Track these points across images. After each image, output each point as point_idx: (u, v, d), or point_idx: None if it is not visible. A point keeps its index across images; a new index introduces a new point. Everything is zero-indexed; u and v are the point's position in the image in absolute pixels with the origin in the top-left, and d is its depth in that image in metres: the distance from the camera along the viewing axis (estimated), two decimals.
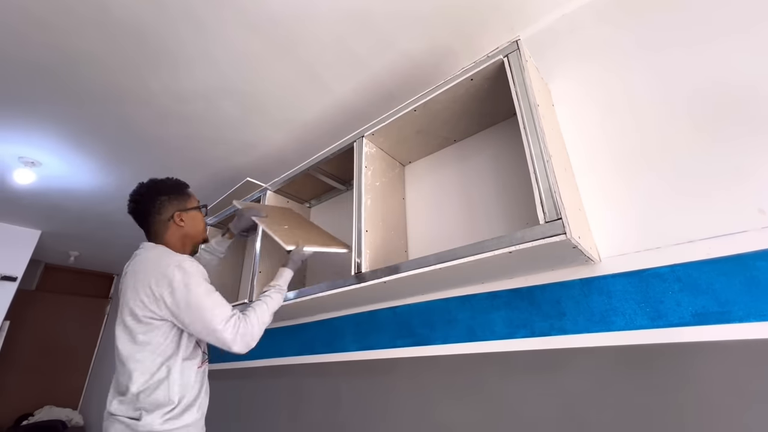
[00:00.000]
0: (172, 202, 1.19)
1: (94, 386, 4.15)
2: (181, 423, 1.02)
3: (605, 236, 1.07)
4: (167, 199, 1.18)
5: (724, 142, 0.96)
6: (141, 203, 1.17)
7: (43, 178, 2.57)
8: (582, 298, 1.06)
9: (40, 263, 4.30)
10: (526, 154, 1.00)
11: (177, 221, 1.17)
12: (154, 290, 1.03)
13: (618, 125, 1.16)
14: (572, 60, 1.34)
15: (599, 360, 0.99)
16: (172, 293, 1.02)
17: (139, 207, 1.18)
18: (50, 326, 4.24)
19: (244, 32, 1.49)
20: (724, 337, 0.84)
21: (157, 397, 1.00)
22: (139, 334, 1.03)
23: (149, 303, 1.03)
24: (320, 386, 1.68)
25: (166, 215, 1.17)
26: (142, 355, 1.03)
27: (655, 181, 1.04)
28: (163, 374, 1.03)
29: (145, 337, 1.03)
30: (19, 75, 1.69)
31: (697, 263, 0.91)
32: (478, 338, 1.24)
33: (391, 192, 1.62)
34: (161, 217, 1.17)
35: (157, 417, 0.99)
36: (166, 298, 1.02)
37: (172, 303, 1.02)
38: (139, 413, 1.00)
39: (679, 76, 1.09)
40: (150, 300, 1.03)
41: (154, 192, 1.18)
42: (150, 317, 1.03)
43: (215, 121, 2.01)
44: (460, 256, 1.04)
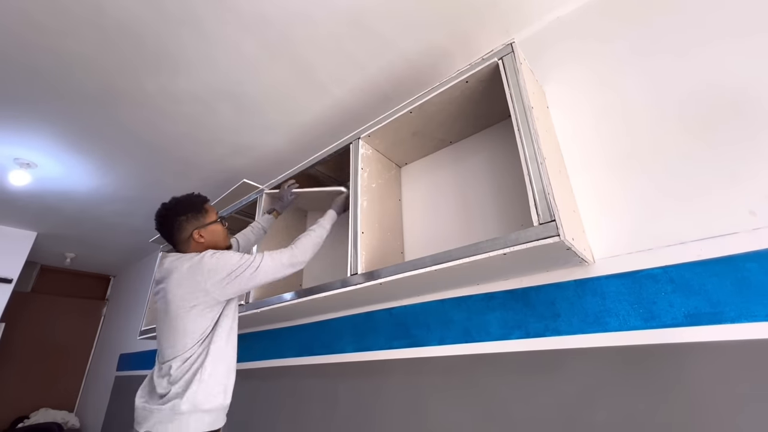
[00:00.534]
0: (190, 221, 1.24)
1: (91, 388, 4.12)
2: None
3: (599, 238, 1.08)
4: (185, 219, 1.24)
5: (716, 144, 0.97)
6: (163, 225, 1.25)
7: (39, 180, 2.57)
8: (576, 300, 1.07)
9: (36, 265, 4.28)
10: (520, 156, 1.01)
11: (197, 238, 1.23)
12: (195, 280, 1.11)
13: (612, 128, 1.17)
14: (567, 63, 1.35)
15: (593, 361, 0.99)
16: (210, 270, 1.11)
17: (163, 228, 1.25)
18: (46, 328, 4.22)
19: (241, 34, 1.49)
20: (716, 338, 0.85)
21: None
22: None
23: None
24: (318, 387, 1.68)
25: (186, 234, 1.23)
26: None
27: (648, 183, 1.05)
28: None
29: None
30: (16, 76, 1.69)
31: (689, 264, 0.92)
32: (474, 339, 1.24)
33: (388, 193, 1.63)
34: (182, 236, 1.23)
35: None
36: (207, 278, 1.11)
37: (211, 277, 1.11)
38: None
39: (672, 80, 1.10)
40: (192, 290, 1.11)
41: (172, 213, 1.24)
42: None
43: (212, 123, 2.01)
44: (456, 257, 1.04)
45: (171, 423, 1.00)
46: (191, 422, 1.01)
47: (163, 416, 1.01)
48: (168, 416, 1.01)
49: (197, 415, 1.03)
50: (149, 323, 2.53)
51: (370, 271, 1.28)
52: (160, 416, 1.01)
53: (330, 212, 1.48)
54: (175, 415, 1.01)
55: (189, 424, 1.01)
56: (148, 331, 2.46)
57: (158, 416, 1.01)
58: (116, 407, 3.39)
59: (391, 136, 1.55)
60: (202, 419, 1.03)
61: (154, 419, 1.01)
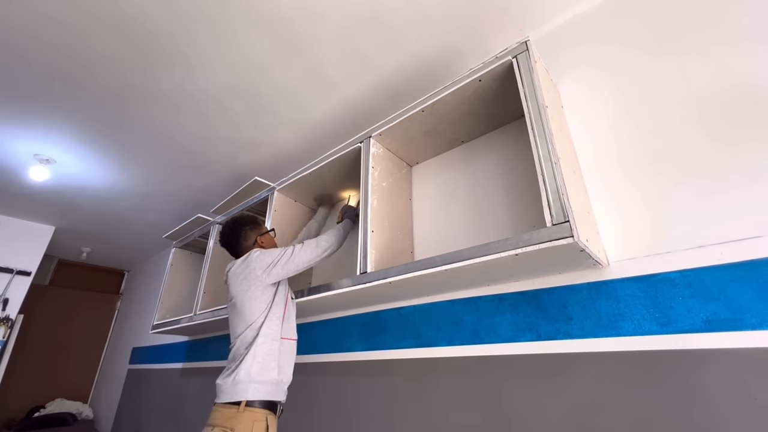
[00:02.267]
0: (254, 230, 1.55)
1: (104, 380, 4.22)
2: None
3: (614, 240, 1.06)
4: (249, 228, 1.54)
5: (738, 145, 0.94)
6: (231, 234, 1.53)
7: (58, 176, 2.63)
8: (589, 303, 1.04)
9: (54, 259, 4.39)
10: (533, 155, 0.99)
11: (259, 243, 1.53)
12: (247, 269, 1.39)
13: (628, 128, 1.14)
14: (583, 61, 1.33)
15: (606, 365, 0.97)
16: (258, 260, 1.39)
17: (230, 237, 1.53)
18: (62, 321, 4.33)
19: (255, 32, 1.50)
20: (736, 345, 0.82)
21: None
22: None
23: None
24: (327, 385, 1.68)
25: (251, 241, 1.53)
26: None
27: (666, 184, 1.02)
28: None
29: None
30: (36, 75, 1.73)
31: (709, 269, 0.89)
32: (483, 341, 1.23)
33: (398, 192, 1.62)
34: (248, 243, 1.52)
35: None
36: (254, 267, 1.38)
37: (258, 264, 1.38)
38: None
39: (692, 79, 1.06)
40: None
41: (239, 225, 1.54)
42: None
43: (225, 121, 2.03)
44: (466, 257, 1.03)
45: (233, 389, 1.21)
46: (249, 390, 1.20)
47: (227, 386, 1.22)
48: (231, 386, 1.22)
49: (253, 385, 1.22)
50: (162, 317, 2.57)
51: (379, 270, 1.27)
52: (225, 387, 1.22)
53: (348, 221, 1.67)
54: (236, 384, 1.21)
55: (247, 390, 1.20)
56: (160, 325, 2.50)
57: (224, 387, 1.23)
58: (128, 399, 3.46)
59: (403, 134, 1.55)
60: (258, 389, 1.22)
61: (221, 390, 1.23)
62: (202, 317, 2.08)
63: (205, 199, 2.91)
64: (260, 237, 1.55)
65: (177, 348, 3.02)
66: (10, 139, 2.23)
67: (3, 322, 3.13)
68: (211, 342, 2.60)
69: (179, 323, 2.30)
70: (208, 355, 2.59)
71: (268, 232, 1.61)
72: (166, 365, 3.08)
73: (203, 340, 2.70)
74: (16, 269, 3.29)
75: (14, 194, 2.95)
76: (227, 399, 1.20)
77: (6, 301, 3.18)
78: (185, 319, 2.25)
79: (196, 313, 2.17)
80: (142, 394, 3.26)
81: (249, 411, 1.17)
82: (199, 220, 2.51)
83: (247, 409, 1.17)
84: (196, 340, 2.81)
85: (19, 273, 3.30)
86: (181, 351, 2.95)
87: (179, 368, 2.87)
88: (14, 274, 3.27)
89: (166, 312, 2.62)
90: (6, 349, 3.19)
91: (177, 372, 2.88)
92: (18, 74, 1.73)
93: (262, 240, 1.54)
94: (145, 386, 3.28)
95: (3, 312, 3.16)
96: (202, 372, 2.59)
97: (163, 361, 3.15)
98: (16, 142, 2.25)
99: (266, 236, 1.58)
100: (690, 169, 0.99)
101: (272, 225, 1.89)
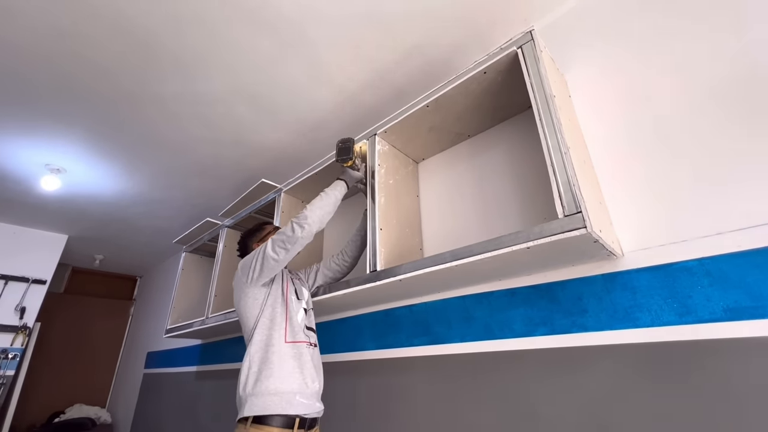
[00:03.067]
0: (252, 238, 1.54)
1: (121, 385, 4.28)
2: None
3: (628, 230, 1.04)
4: (251, 238, 1.54)
5: (756, 128, 0.91)
6: (240, 249, 1.56)
7: (68, 185, 2.67)
8: (605, 294, 1.03)
9: (68, 267, 4.47)
10: (542, 146, 0.98)
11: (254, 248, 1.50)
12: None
13: (639, 115, 1.12)
14: (589, 49, 1.30)
15: (623, 358, 0.95)
16: (241, 266, 1.36)
17: (240, 253, 1.56)
18: (78, 327, 4.40)
19: (256, 34, 1.50)
20: (758, 333, 0.80)
21: None
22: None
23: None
24: (339, 384, 1.68)
25: (251, 249, 1.50)
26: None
27: (681, 171, 0.99)
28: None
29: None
30: (43, 86, 1.75)
31: (728, 256, 0.87)
32: (496, 336, 1.21)
33: (405, 190, 1.61)
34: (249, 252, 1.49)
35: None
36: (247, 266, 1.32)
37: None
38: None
39: (704, 65, 1.04)
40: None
41: (244, 237, 1.57)
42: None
43: (230, 124, 2.04)
44: (477, 252, 1.02)
45: (237, 406, 1.15)
46: (246, 406, 1.11)
47: (240, 401, 1.15)
48: (235, 402, 1.17)
49: (250, 399, 1.12)
50: (174, 322, 2.59)
51: (389, 267, 1.26)
52: (239, 402, 1.16)
53: (338, 182, 1.42)
54: (237, 401, 1.16)
55: (243, 406, 1.12)
56: (173, 329, 2.53)
57: (238, 402, 1.16)
58: (145, 403, 3.50)
59: (408, 131, 1.54)
60: (255, 403, 1.11)
61: (237, 402, 1.17)
62: (214, 320, 2.09)
63: (213, 203, 2.93)
64: (256, 243, 1.50)
65: (191, 351, 3.05)
66: (21, 150, 2.27)
67: (21, 330, 3.19)
68: (224, 345, 2.62)
69: (192, 327, 2.32)
70: (222, 357, 2.61)
71: (265, 237, 1.52)
72: (180, 369, 3.11)
73: (216, 343, 2.73)
74: (32, 278, 3.35)
75: (27, 204, 3.00)
76: (238, 416, 1.13)
77: (23, 310, 3.24)
78: (198, 323, 2.27)
79: (208, 316, 2.18)
80: (159, 397, 3.30)
81: (254, 428, 1.08)
82: (208, 224, 2.52)
83: (252, 427, 1.08)
84: (209, 343, 2.83)
85: (34, 282, 3.36)
86: (194, 354, 2.98)
87: (194, 371, 2.90)
88: (30, 283, 3.33)
89: (179, 316, 2.64)
90: (25, 357, 3.25)
91: (192, 375, 2.90)
92: (25, 86, 1.76)
93: (257, 246, 1.48)
94: (161, 390, 3.32)
95: (21, 320, 3.22)
96: (216, 375, 2.61)
97: (177, 365, 3.18)
98: (26, 152, 2.29)
99: (261, 244, 1.47)
100: (704, 157, 0.97)
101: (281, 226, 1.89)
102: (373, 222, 1.38)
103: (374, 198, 1.42)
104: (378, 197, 1.42)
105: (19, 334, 3.18)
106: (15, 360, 3.13)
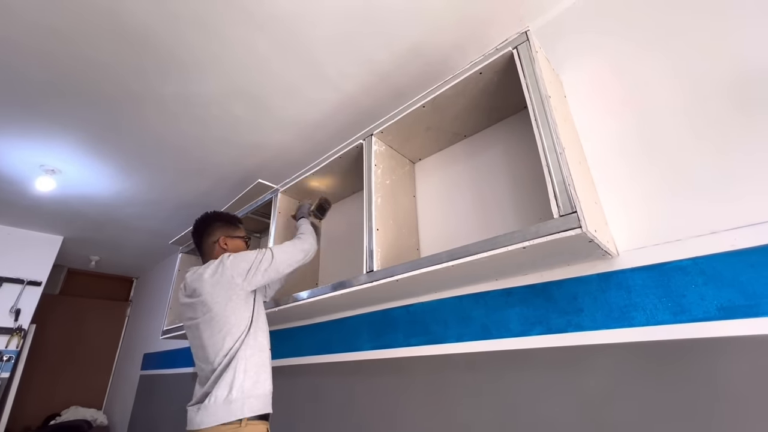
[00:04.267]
0: (222, 229, 1.42)
1: (117, 387, 4.26)
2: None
3: (623, 229, 1.04)
4: (219, 225, 1.43)
5: (747, 129, 0.92)
6: (199, 226, 1.43)
7: (63, 186, 2.65)
8: (600, 294, 1.03)
9: (63, 268, 4.43)
10: (538, 146, 0.98)
11: (221, 244, 1.40)
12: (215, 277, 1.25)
13: (634, 115, 1.12)
14: (585, 50, 1.31)
15: (619, 357, 0.96)
16: (233, 265, 1.27)
17: (197, 229, 1.43)
18: (74, 329, 4.37)
19: (252, 33, 1.50)
20: (752, 332, 0.80)
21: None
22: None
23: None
24: (337, 385, 1.68)
25: (214, 238, 1.40)
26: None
27: (676, 170, 1.00)
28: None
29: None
30: (37, 85, 1.74)
31: (722, 255, 0.87)
32: (493, 336, 1.22)
33: (402, 190, 1.61)
34: (210, 239, 1.41)
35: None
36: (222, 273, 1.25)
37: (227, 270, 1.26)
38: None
39: (698, 64, 1.04)
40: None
41: (211, 218, 1.44)
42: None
43: (226, 125, 2.03)
44: (473, 252, 1.02)
45: (226, 409, 1.10)
46: (245, 406, 1.12)
47: (216, 408, 1.10)
48: (222, 405, 1.10)
49: (249, 400, 1.14)
50: (171, 323, 2.58)
51: (386, 268, 1.27)
52: (213, 409, 1.10)
53: (302, 222, 1.59)
54: (230, 404, 1.11)
55: (243, 407, 1.11)
56: (170, 330, 2.51)
57: (212, 410, 1.10)
58: (142, 405, 3.49)
59: (404, 131, 1.54)
60: (254, 404, 1.14)
61: (205, 413, 1.10)
62: None
63: (209, 204, 2.91)
64: (226, 238, 1.40)
65: (187, 353, 3.04)
66: (15, 151, 2.25)
67: (16, 332, 3.17)
68: None
69: None
70: None
71: (239, 238, 1.46)
72: (177, 370, 3.10)
73: None
74: (26, 280, 3.33)
75: (22, 205, 2.98)
76: (221, 420, 1.08)
77: (18, 312, 3.22)
78: None
79: None
80: (155, 399, 3.29)
81: (251, 425, 1.10)
82: None
83: (249, 423, 1.10)
84: None
85: (29, 283, 3.34)
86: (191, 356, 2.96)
87: (190, 373, 2.89)
88: (25, 285, 3.31)
89: (175, 317, 2.63)
90: (20, 359, 3.22)
91: (188, 376, 2.89)
92: (19, 85, 1.74)
93: (226, 242, 1.40)
94: (158, 391, 3.30)
95: (16, 322, 3.20)
96: None
97: (174, 366, 3.17)
98: (21, 153, 2.27)
99: (235, 241, 1.44)
100: (697, 155, 0.97)
101: (277, 226, 1.89)
102: (369, 222, 1.38)
103: (371, 198, 1.42)
104: (375, 198, 1.42)
105: (14, 336, 3.15)
106: (10, 362, 3.10)
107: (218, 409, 1.10)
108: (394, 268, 1.23)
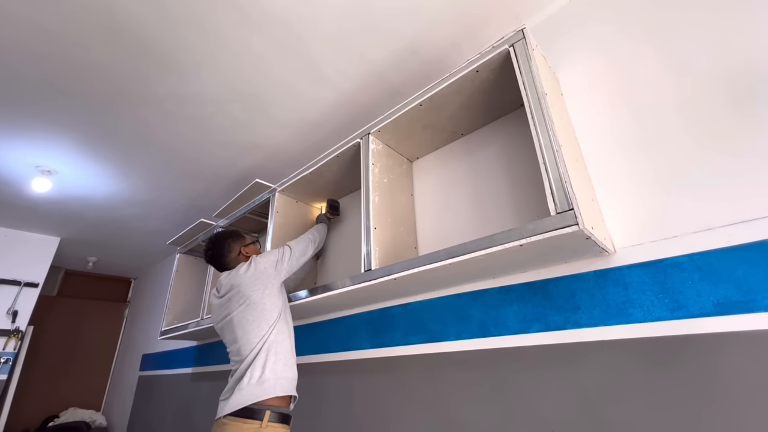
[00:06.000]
0: (236, 242, 1.56)
1: (116, 388, 4.25)
2: None
3: (620, 226, 1.04)
4: (232, 240, 1.55)
5: (742, 124, 0.92)
6: (215, 248, 1.54)
7: (60, 187, 2.64)
8: (597, 291, 1.03)
9: (60, 269, 4.42)
10: (535, 144, 0.98)
11: (244, 253, 1.55)
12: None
13: (630, 112, 1.13)
14: (581, 47, 1.31)
15: (616, 353, 0.96)
16: (265, 261, 1.46)
17: (214, 250, 1.53)
18: (72, 330, 4.36)
19: (248, 33, 1.49)
20: (748, 327, 0.81)
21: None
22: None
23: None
24: (335, 385, 1.68)
25: (235, 252, 1.54)
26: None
27: (671, 167, 1.00)
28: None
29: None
30: (33, 86, 1.73)
31: (718, 251, 0.88)
32: (491, 334, 1.22)
33: (399, 188, 1.61)
34: (232, 254, 1.53)
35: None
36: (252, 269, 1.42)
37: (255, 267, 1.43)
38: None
39: (697, 61, 1.04)
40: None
41: (222, 238, 1.55)
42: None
43: (223, 124, 2.03)
44: (471, 250, 1.02)
45: (259, 389, 1.19)
46: (278, 386, 1.22)
47: (250, 388, 1.19)
48: (256, 385, 1.20)
49: (281, 381, 1.24)
50: (169, 324, 2.58)
51: (384, 266, 1.27)
52: (247, 389, 1.19)
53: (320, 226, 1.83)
54: (262, 383, 1.21)
55: (275, 386, 1.22)
56: (168, 331, 2.51)
57: (245, 389, 1.19)
58: (141, 406, 3.48)
59: (402, 130, 1.54)
60: (285, 385, 1.25)
61: (239, 394, 1.18)
62: (209, 321, 2.08)
63: (207, 204, 2.91)
64: (244, 248, 1.56)
65: (186, 353, 3.03)
66: (11, 152, 2.24)
67: (13, 334, 3.16)
68: (219, 346, 2.60)
69: (187, 328, 2.30)
70: (217, 359, 2.60)
71: (251, 243, 1.61)
72: (176, 371, 3.09)
73: (211, 345, 2.71)
74: (23, 281, 3.31)
75: (18, 207, 2.96)
76: (254, 399, 1.16)
77: (15, 314, 3.21)
78: (192, 324, 2.26)
79: (203, 317, 2.17)
80: (154, 400, 3.28)
81: (271, 427, 1.15)
82: (202, 224, 2.51)
83: (270, 425, 1.15)
84: (205, 344, 2.82)
85: (27, 285, 3.33)
86: (190, 356, 2.96)
87: (189, 373, 2.89)
88: (22, 286, 3.30)
89: (174, 318, 2.63)
90: (18, 361, 3.21)
91: (187, 377, 2.89)
92: (15, 86, 1.73)
93: (246, 251, 1.55)
94: (157, 392, 3.30)
95: (13, 324, 3.19)
96: (212, 376, 2.60)
97: (173, 367, 3.17)
98: (16, 154, 2.26)
99: (250, 247, 1.59)
100: (693, 152, 0.98)
101: (275, 226, 1.89)
102: (367, 221, 1.38)
103: (368, 197, 1.42)
104: (372, 196, 1.42)
105: (11, 338, 3.14)
106: (8, 364, 3.09)
107: (252, 388, 1.19)
108: (392, 267, 1.23)
